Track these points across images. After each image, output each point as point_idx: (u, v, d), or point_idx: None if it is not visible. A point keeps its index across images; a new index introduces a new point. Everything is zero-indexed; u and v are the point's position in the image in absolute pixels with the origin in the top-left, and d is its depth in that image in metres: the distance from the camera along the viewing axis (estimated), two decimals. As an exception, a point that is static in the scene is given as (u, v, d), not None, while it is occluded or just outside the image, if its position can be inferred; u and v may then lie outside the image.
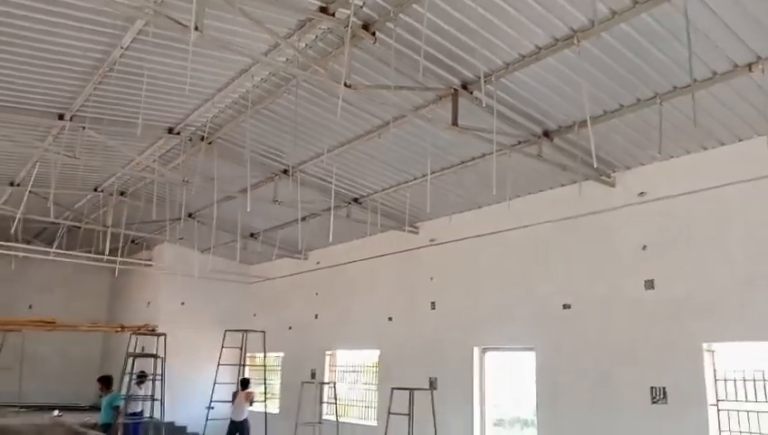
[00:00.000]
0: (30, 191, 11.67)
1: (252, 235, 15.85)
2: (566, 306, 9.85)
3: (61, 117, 9.33)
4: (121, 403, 12.42)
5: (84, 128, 9.40)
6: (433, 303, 12.36)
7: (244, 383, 14.97)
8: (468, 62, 7.32)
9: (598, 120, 7.90)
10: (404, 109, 8.12)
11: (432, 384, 11.61)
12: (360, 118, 9.15)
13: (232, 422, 14.41)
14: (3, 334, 16.14)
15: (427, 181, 9.44)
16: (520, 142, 8.82)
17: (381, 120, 9.13)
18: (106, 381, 12.15)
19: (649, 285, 8.81)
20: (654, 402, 8.44)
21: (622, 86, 7.43)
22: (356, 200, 12.43)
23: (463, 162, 9.96)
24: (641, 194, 9.07)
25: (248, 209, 11.17)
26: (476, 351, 11.30)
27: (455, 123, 7.60)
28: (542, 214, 10.37)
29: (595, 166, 7.95)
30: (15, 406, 16.01)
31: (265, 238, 15.62)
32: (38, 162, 11.19)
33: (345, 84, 6.52)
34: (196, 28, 5.40)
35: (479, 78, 7.41)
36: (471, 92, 7.79)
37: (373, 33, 6.91)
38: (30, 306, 18.73)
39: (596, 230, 9.62)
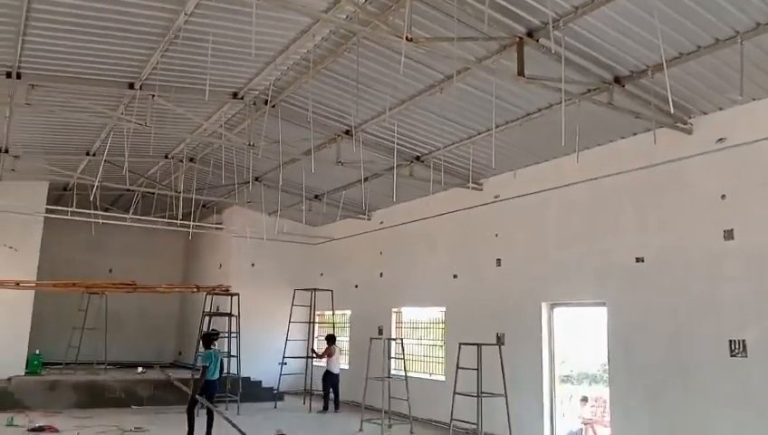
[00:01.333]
0: (105, 160, 12.21)
1: (316, 196, 16.11)
2: (639, 260, 9.56)
3: (131, 86, 9.62)
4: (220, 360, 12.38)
5: (153, 96, 9.67)
6: (498, 260, 12.27)
7: (331, 339, 15.46)
8: (534, 9, 7.03)
9: (673, 63, 7.49)
10: (467, 61, 7.94)
11: (499, 340, 11.62)
12: (422, 73, 9.01)
13: (330, 374, 15.12)
14: (87, 297, 17.22)
15: (491, 136, 9.27)
16: (589, 90, 8.48)
17: (443, 74, 8.97)
18: (207, 338, 12.23)
19: (729, 235, 8.41)
20: (733, 356, 8.16)
21: (699, 26, 6.98)
22: (418, 158, 12.36)
23: (529, 114, 9.69)
24: (720, 140, 8.60)
25: (312, 171, 11.38)
26: (544, 306, 11.19)
27: (520, 73, 7.35)
28: (613, 165, 10.02)
29: (671, 112, 7.58)
30: (102, 364, 17.12)
31: (330, 199, 15.85)
32: (111, 131, 11.65)
33: (406, 38, 6.40)
34: (258, -11, 5.41)
35: (546, 24, 7.16)
36: (537, 40, 7.51)
37: (434, -16, 6.74)
38: (110, 270, 19.82)
39: (671, 180, 9.22)
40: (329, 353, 15.34)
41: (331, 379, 15.17)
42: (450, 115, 10.27)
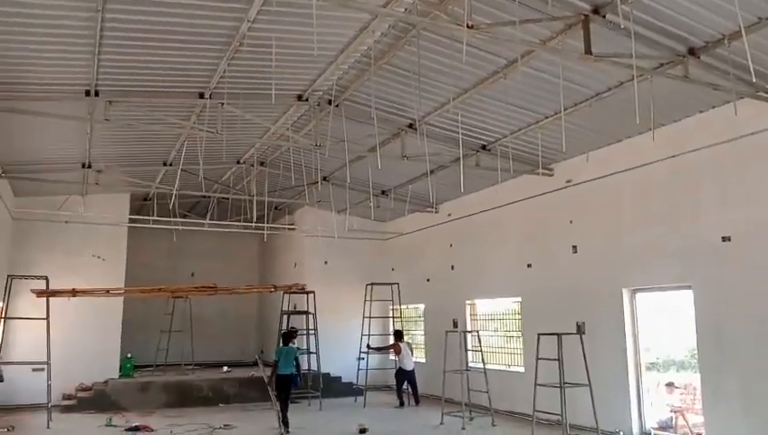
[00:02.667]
0: (182, 169, 12.71)
1: (383, 192, 16.19)
2: (725, 238, 9.06)
3: (201, 96, 9.96)
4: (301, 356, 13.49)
5: (222, 104, 9.98)
6: (574, 246, 11.93)
7: (399, 334, 15.50)
8: (599, -17, 6.78)
9: (752, 29, 7.01)
10: (531, 44, 7.74)
11: (580, 329, 11.31)
12: (484, 60, 8.86)
13: (402, 371, 15.04)
14: (172, 301, 18.02)
15: (560, 119, 9.00)
16: (662, 65, 8.09)
17: (506, 59, 8.79)
18: (287, 336, 12.95)
19: (825, 207, 7.85)
20: (838, 337, 7.61)
21: (783, -15, 6.52)
22: (484, 147, 12.19)
23: (598, 94, 9.35)
24: (811, 106, 8.02)
25: (379, 167, 11.41)
26: (626, 292, 10.81)
27: (588, 52, 7.10)
28: (691, 141, 9.54)
29: (753, 81, 7.12)
30: (189, 364, 17.89)
31: (396, 194, 15.89)
32: (186, 141, 12.11)
33: (467, 26, 6.30)
34: (318, -10, 5.46)
35: (612, -1, 6.89)
36: (603, 16, 7.22)
37: (492, -32, 6.60)
38: (192, 274, 20.64)
39: (756, 152, 8.69)
40: (396, 350, 15.30)
41: (405, 375, 15.09)
42: (515, 101, 10.05)
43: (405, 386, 15.05)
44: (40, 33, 7.57)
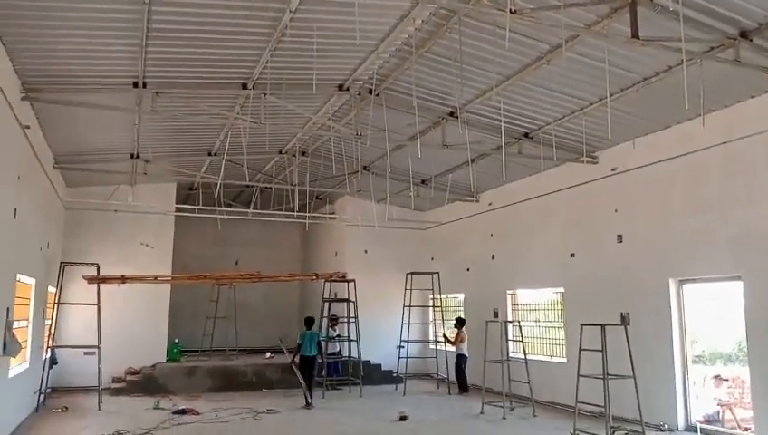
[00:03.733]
0: (226, 159, 12.94)
1: (423, 181, 16.16)
2: (779, 228, 8.75)
3: (244, 86, 10.11)
4: (322, 339, 14.60)
5: (265, 94, 10.11)
6: (619, 235, 11.69)
7: (462, 322, 15.49)
8: (646, -35, 6.59)
9: (812, 7, 6.73)
10: (575, 28, 7.58)
11: (624, 320, 11.10)
12: (527, 46, 8.72)
13: (463, 356, 15.18)
14: (217, 288, 18.44)
15: (605, 105, 8.82)
16: (712, 48, 7.82)
17: (549, 44, 8.64)
18: (309, 322, 13.98)
19: None
20: None
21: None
22: (527, 135, 12.02)
23: (645, 79, 9.10)
24: None
25: (419, 156, 11.40)
26: (672, 283, 10.54)
27: (635, 36, 6.90)
28: (744, 126, 9.21)
29: (811, 62, 6.82)
30: (234, 350, 18.29)
31: (437, 184, 15.83)
32: (229, 131, 12.32)
33: (510, 11, 6.22)
34: (358, -23, 5.47)
35: (660, -20, 6.69)
36: (651, -1, 7.03)
37: (536, -49, 6.49)
38: (236, 262, 21.06)
39: (814, 138, 8.33)
40: (460, 337, 15.31)
41: (465, 361, 15.16)
42: (559, 87, 9.88)
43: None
44: (89, 26, 7.81)
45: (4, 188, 8.57)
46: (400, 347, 15.49)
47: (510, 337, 13.80)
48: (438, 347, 16.45)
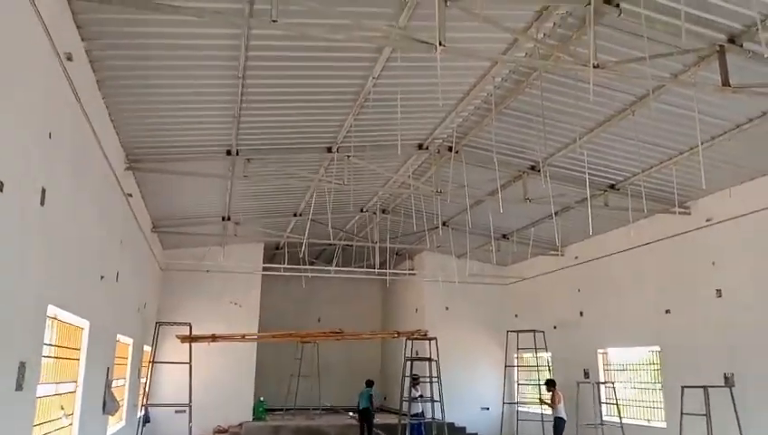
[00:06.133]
0: (311, 219, 13.34)
1: (504, 236, 15.94)
2: None
3: (329, 150, 10.50)
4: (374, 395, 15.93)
5: (349, 157, 10.45)
6: (718, 290, 11.01)
7: (553, 383, 14.72)
8: (734, 13, 6.43)
9: None
10: (661, 79, 7.44)
11: (728, 381, 10.32)
12: (609, 98, 8.62)
13: (561, 420, 14.18)
14: (301, 346, 18.66)
15: (696, 154, 8.50)
16: (812, 91, 7.44)
17: (634, 95, 8.51)
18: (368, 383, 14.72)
19: None
20: None
21: None
22: (613, 187, 11.72)
23: (738, 126, 8.75)
24: None
25: (500, 211, 11.31)
26: (782, 341, 9.76)
27: (725, 84, 6.70)
28: None
29: None
30: (317, 409, 18.28)
31: (519, 238, 15.57)
32: (314, 192, 12.74)
33: (594, 66, 6.20)
34: (441, 43, 5.65)
35: (749, 27, 6.51)
36: (741, 45, 6.81)
37: (617, 5, 6.47)
38: (318, 319, 21.29)
39: None
40: (557, 398, 14.22)
41: (562, 424, 14.06)
42: (646, 137, 9.63)
43: None
44: (188, 100, 8.41)
45: (109, 253, 9.16)
46: (486, 409, 14.98)
47: (603, 399, 13.10)
48: (530, 409, 15.73)
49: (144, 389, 14.06)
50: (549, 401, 14.54)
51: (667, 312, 12.26)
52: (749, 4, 6.17)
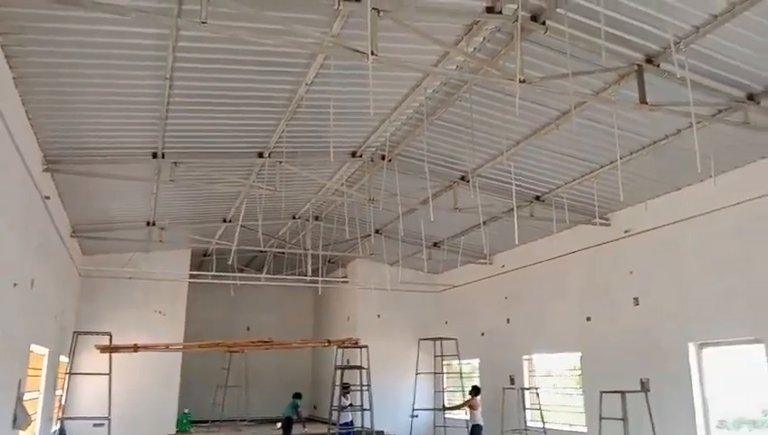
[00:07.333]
0: (241, 225, 13.08)
1: (435, 244, 16.17)
2: (799, 289, 8.64)
3: (260, 155, 10.34)
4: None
5: (281, 162, 10.32)
6: (635, 298, 11.56)
7: (477, 390, 14.93)
8: (651, 34, 6.81)
9: (816, 73, 6.88)
10: (584, 95, 7.77)
11: (644, 386, 10.83)
12: (536, 112, 8.93)
13: (478, 426, 14.41)
14: (229, 355, 18.23)
15: (616, 168, 8.91)
16: (720, 111, 7.98)
17: (558, 110, 8.84)
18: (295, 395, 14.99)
19: None
20: None
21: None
22: (538, 198, 12.11)
23: (655, 142, 9.24)
24: None
25: (431, 220, 11.45)
26: (692, 347, 10.33)
27: (643, 101, 7.08)
28: (756, 187, 9.24)
29: (820, 124, 6.92)
30: (244, 420, 17.90)
31: (449, 246, 15.83)
32: (245, 198, 12.51)
33: (520, 81, 6.40)
34: (373, 53, 5.68)
35: (666, 49, 6.90)
36: (658, 65, 7.22)
37: (543, 23, 6.73)
38: (248, 328, 20.88)
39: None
40: (472, 405, 14.77)
41: (480, 431, 14.58)
42: (569, 151, 10.03)
43: None
44: (112, 100, 8.07)
45: (23, 259, 8.66)
46: (413, 416, 15.09)
47: (527, 405, 13.46)
48: (449, 415, 15.98)
49: (60, 401, 13.35)
50: (459, 405, 14.79)
51: (588, 319, 12.76)
52: (665, 27, 6.55)
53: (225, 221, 14.49)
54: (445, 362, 17.08)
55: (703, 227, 10.21)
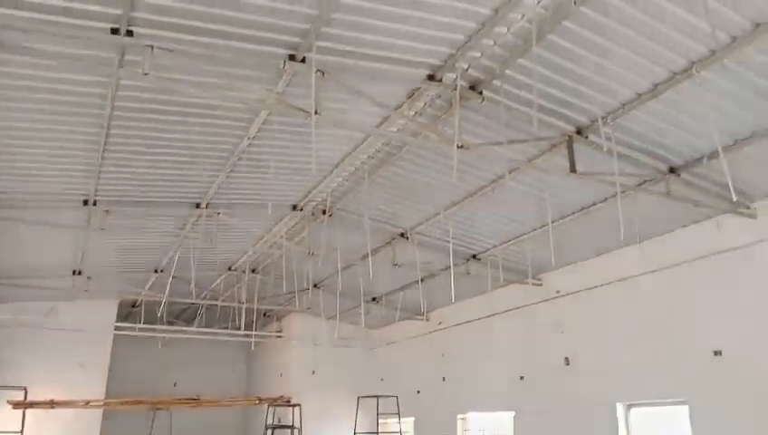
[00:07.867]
0: (173, 276, 12.69)
1: (374, 299, 16.12)
2: (717, 353, 9.03)
3: (197, 206, 10.16)
4: None
5: (219, 214, 10.17)
6: (567, 358, 11.79)
7: None
8: (581, 108, 7.23)
9: (729, 149, 7.41)
10: (518, 161, 8.10)
11: (576, 445, 10.95)
12: (473, 175, 9.21)
13: None
14: (153, 413, 17.28)
15: (548, 231, 9.24)
16: (644, 182, 8.45)
17: (494, 174, 9.14)
18: None
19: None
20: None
21: (753, 112, 6.98)
22: (474, 257, 12.35)
23: (584, 208, 9.67)
24: (790, 222, 8.31)
25: (370, 276, 11.48)
26: (620, 407, 10.56)
27: (572, 170, 7.45)
28: (677, 254, 9.74)
29: (734, 199, 7.42)
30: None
31: (387, 302, 15.83)
32: (179, 248, 12.18)
33: (458, 146, 6.63)
34: (316, 112, 5.79)
35: (593, 122, 7.33)
36: (586, 137, 7.64)
37: (480, 93, 7.04)
38: (175, 384, 19.91)
39: (743, 267, 8.86)
40: None
41: None
42: (504, 213, 10.35)
43: None
44: (43, 145, 7.81)
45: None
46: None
47: (462, 464, 13.33)
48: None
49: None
50: None
51: (522, 378, 12.88)
52: (593, 102, 6.97)
53: (156, 271, 14.02)
54: (381, 421, 16.74)
55: (628, 291, 10.62)
